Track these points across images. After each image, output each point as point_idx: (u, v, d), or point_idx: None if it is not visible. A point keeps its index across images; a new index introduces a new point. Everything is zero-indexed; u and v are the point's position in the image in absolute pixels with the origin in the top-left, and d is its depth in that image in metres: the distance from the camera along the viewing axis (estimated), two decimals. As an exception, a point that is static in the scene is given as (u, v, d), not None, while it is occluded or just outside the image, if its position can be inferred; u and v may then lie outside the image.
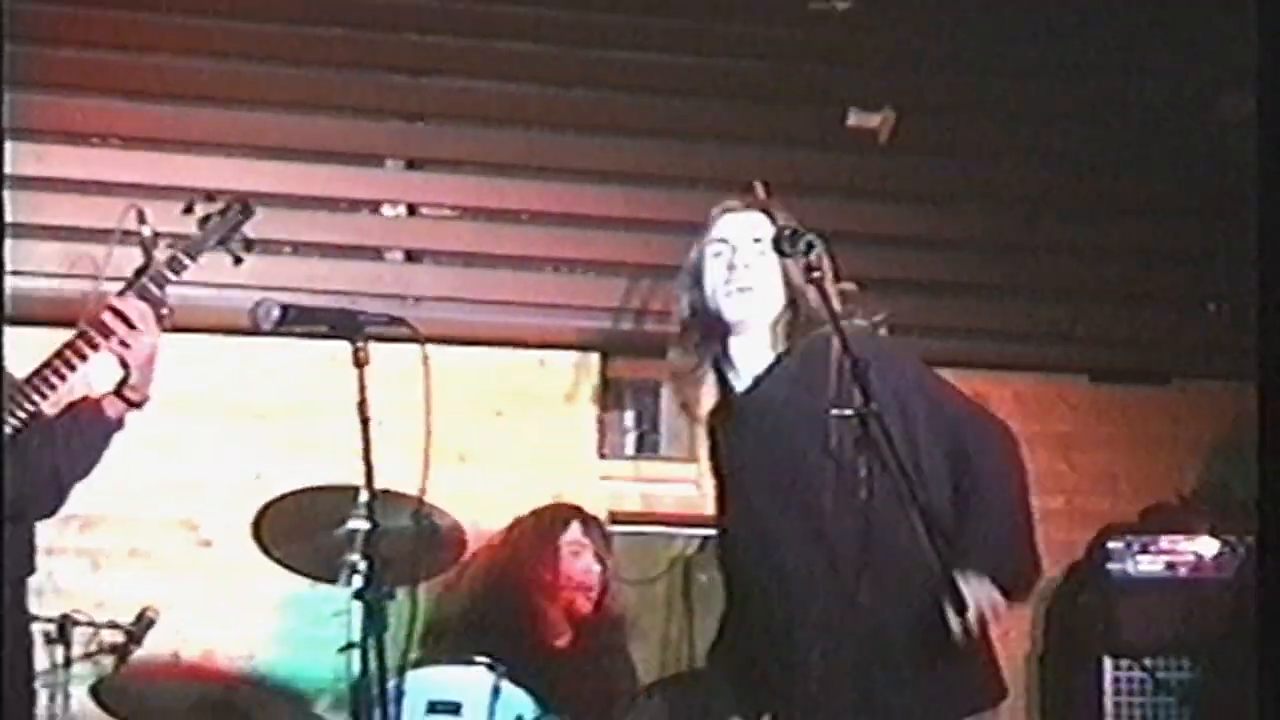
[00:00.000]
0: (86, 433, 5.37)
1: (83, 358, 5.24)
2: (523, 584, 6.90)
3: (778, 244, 4.87)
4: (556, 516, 6.97)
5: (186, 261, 5.47)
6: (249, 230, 5.60)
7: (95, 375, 5.31)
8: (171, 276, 5.41)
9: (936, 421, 4.96)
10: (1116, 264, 7.87)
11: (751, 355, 5.07)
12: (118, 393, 5.34)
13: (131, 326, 5.20)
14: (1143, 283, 7.89)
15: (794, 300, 5.04)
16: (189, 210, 5.55)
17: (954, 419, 5.00)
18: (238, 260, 5.56)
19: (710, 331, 5.12)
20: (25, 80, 6.80)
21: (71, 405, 5.35)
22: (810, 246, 4.80)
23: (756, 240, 5.04)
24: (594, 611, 6.94)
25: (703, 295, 5.12)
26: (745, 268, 5.03)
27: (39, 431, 5.23)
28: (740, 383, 5.10)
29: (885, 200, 7.56)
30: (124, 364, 5.27)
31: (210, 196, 5.62)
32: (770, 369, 5.07)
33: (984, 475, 4.96)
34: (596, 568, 6.92)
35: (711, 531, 5.56)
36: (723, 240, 5.09)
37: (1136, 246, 7.94)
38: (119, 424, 5.37)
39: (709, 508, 5.39)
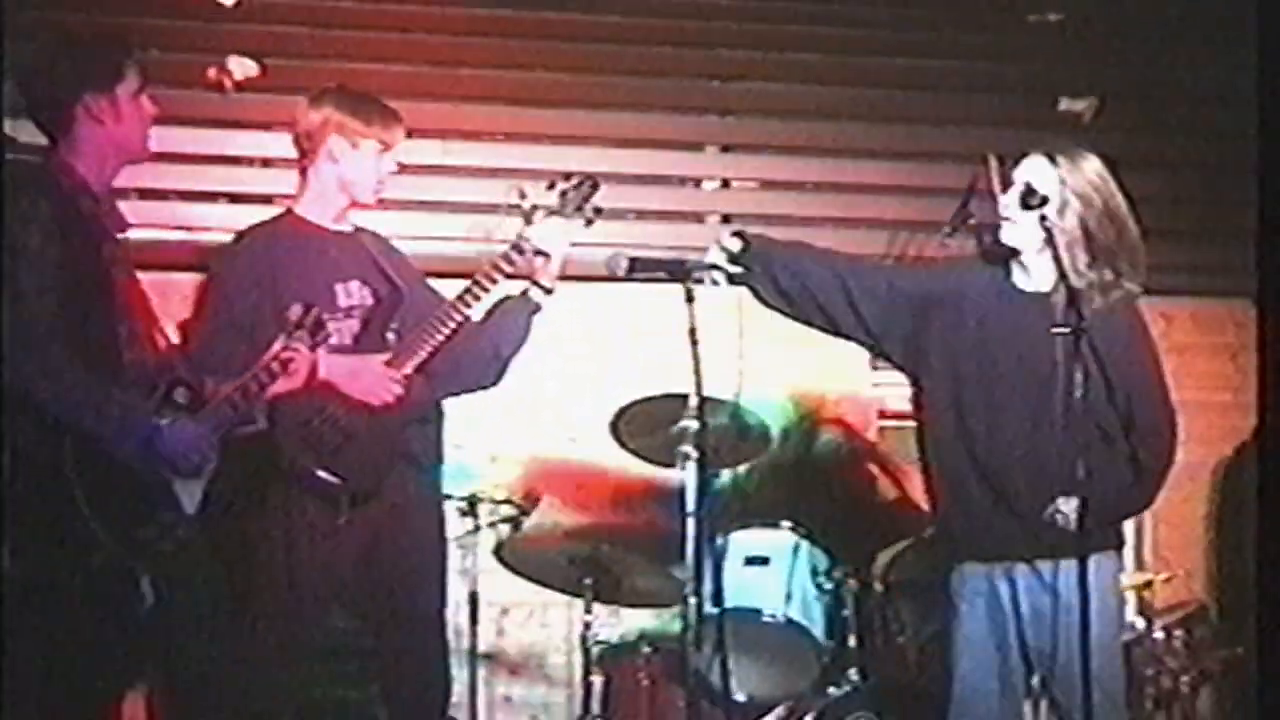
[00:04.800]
0: (515, 314, 5.61)
1: (494, 283, 5.46)
2: None
3: (1024, 199, 4.84)
4: None
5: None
6: (598, 201, 5.70)
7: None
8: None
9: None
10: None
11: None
12: (534, 283, 5.60)
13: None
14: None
15: None
16: (551, 187, 5.63)
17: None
18: (589, 223, 5.64)
19: None
20: (433, 93, 6.99)
21: (501, 300, 5.58)
22: (1044, 201, 4.83)
23: None
24: None
25: None
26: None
27: (474, 326, 5.49)
28: None
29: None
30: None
31: (566, 176, 5.66)
32: None
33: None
34: None
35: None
36: None
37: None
38: (538, 307, 5.63)
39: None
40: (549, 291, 5.61)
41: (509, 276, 5.53)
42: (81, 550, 4.47)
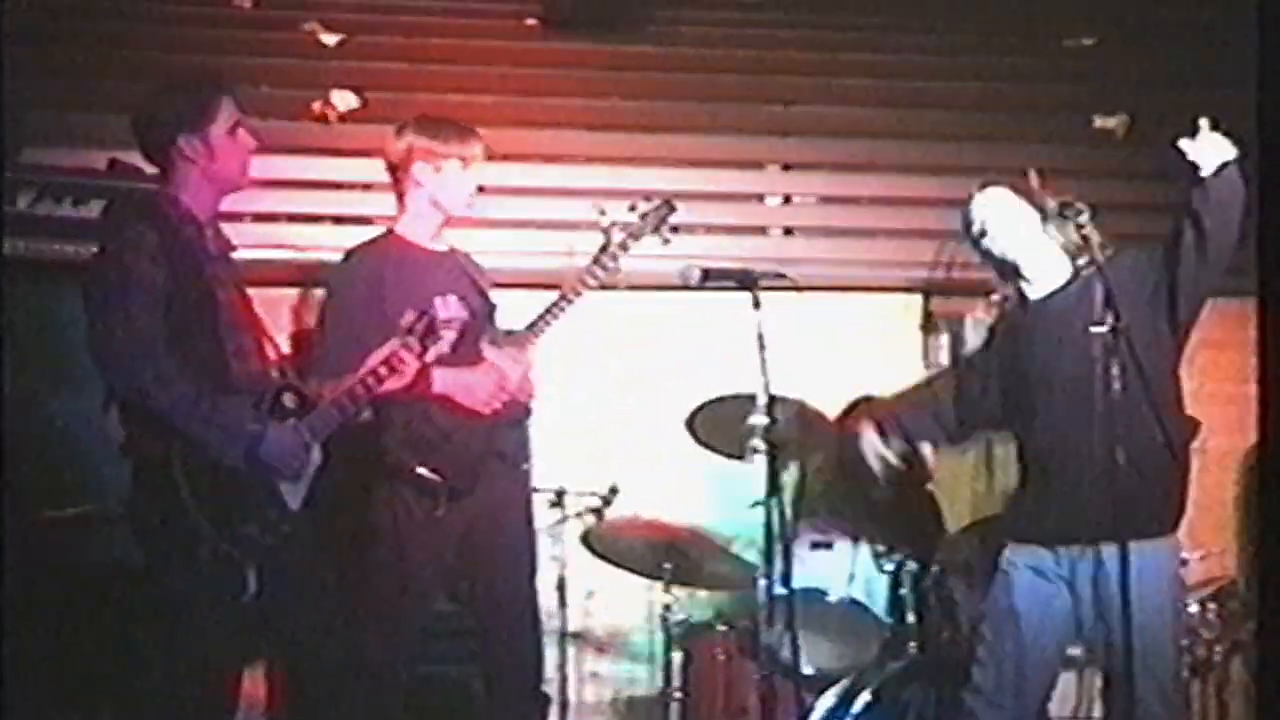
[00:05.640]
0: None
1: (579, 295, 5.65)
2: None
3: (1060, 212, 4.96)
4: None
5: (630, 244, 5.67)
6: (672, 220, 5.81)
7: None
8: (620, 255, 5.63)
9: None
10: None
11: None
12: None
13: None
14: None
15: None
16: (632, 208, 5.73)
17: None
18: (666, 241, 5.74)
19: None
20: (518, 120, 7.07)
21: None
22: (1079, 212, 4.92)
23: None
24: None
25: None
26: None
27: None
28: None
29: (1122, 178, 7.46)
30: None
31: (647, 198, 5.78)
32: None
33: None
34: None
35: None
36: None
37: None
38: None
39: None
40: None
41: (595, 288, 5.70)
42: (188, 543, 4.69)
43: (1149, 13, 7.69)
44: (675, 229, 5.79)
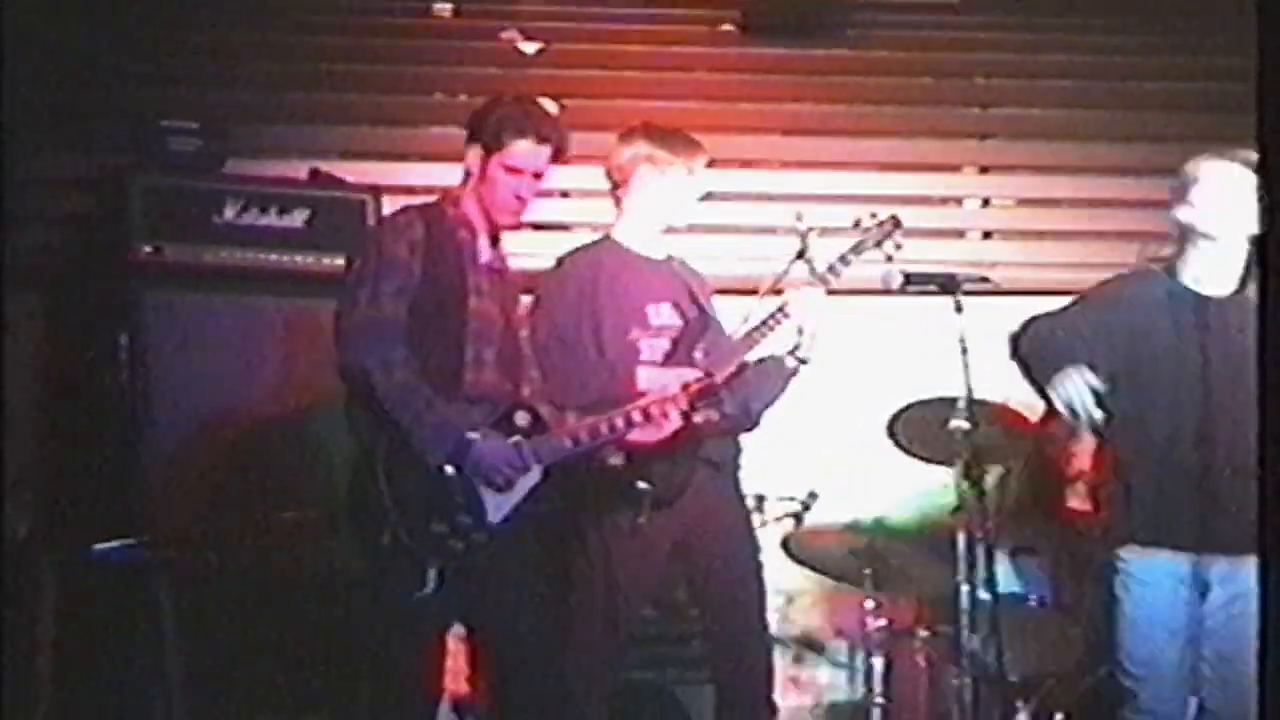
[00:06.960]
0: (772, 374, 5.53)
1: (788, 317, 5.43)
2: None
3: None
4: None
5: (852, 259, 5.54)
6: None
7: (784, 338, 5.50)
8: (842, 269, 5.51)
9: None
10: None
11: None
12: (791, 353, 5.49)
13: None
14: None
15: None
16: (856, 225, 5.60)
17: None
18: (889, 258, 5.59)
19: None
20: (714, 125, 6.95)
21: (762, 358, 5.49)
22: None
23: None
24: None
25: None
26: None
27: (741, 378, 5.40)
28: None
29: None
30: (799, 331, 5.44)
31: (873, 215, 5.66)
32: None
33: None
34: None
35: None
36: None
37: None
38: (794, 373, 5.53)
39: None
40: (804, 362, 5.56)
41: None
42: (374, 527, 4.69)
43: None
44: (899, 245, 5.63)
